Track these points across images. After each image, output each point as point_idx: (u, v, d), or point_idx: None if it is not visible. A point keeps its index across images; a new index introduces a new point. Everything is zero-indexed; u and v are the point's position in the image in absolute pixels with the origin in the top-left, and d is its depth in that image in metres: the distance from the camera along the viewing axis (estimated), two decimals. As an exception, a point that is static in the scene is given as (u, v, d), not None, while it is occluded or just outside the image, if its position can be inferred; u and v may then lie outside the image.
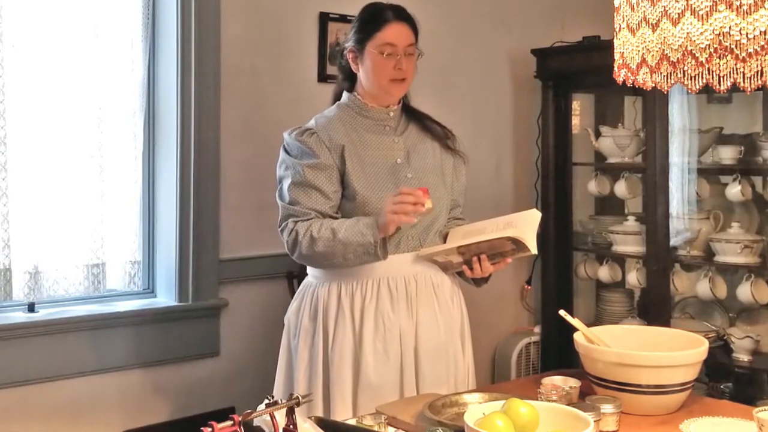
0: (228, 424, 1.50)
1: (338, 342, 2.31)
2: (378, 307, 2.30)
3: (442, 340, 2.37)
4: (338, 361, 2.30)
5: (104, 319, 3.04)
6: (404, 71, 2.36)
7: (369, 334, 2.29)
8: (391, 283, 2.32)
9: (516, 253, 2.28)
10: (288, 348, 2.45)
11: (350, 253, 2.24)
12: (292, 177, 2.32)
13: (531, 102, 4.15)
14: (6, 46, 2.85)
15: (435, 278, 2.38)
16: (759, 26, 1.45)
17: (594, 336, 2.12)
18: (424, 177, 2.39)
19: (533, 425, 1.59)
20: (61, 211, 2.98)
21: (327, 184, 2.31)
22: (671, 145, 3.55)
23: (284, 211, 2.34)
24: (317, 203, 2.30)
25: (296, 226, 2.29)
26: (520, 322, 4.26)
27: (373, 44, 2.34)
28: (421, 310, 2.34)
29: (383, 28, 2.34)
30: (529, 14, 4.16)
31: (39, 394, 2.92)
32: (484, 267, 2.31)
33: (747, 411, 1.91)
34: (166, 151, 3.21)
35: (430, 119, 2.53)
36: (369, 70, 2.36)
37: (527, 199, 4.18)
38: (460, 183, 2.54)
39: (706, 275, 3.56)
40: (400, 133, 2.44)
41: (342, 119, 2.40)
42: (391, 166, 2.37)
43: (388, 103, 2.43)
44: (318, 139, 2.34)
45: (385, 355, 2.29)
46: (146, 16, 3.16)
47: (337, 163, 2.33)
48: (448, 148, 2.51)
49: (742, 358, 3.41)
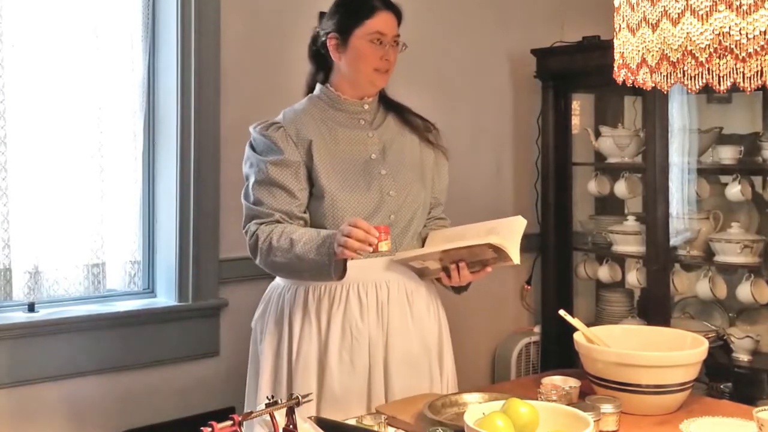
0: (228, 424, 1.50)
1: (303, 350, 2.18)
2: (346, 314, 2.16)
3: (414, 352, 2.22)
4: (302, 370, 2.17)
5: (104, 319, 3.04)
6: (390, 62, 2.25)
7: (335, 342, 2.16)
8: (361, 289, 2.18)
9: (497, 262, 2.13)
10: (255, 354, 2.33)
11: (305, 270, 2.11)
12: (256, 175, 2.20)
13: (531, 102, 4.15)
14: (6, 46, 2.85)
15: (409, 285, 2.24)
16: (759, 26, 1.45)
17: (594, 336, 2.12)
18: (399, 173, 2.26)
19: (533, 425, 1.59)
20: (61, 211, 2.98)
21: (293, 182, 2.17)
22: (671, 145, 3.55)
23: (248, 211, 2.22)
24: (283, 203, 2.17)
25: (258, 230, 2.15)
26: (520, 322, 4.26)
27: (361, 32, 2.21)
28: (393, 319, 2.20)
29: (373, 15, 2.22)
30: (529, 14, 4.16)
31: (39, 394, 2.92)
32: (462, 275, 2.16)
33: (747, 411, 1.91)
34: (166, 151, 3.21)
35: (411, 111, 2.40)
36: (354, 59, 2.23)
37: (527, 199, 4.18)
38: (442, 180, 2.41)
39: (706, 275, 3.56)
40: (375, 126, 2.31)
41: (312, 112, 2.27)
42: (363, 162, 2.23)
43: (365, 95, 2.30)
44: (284, 134, 2.21)
45: (351, 366, 2.15)
46: (146, 15, 3.15)
47: (304, 159, 2.19)
48: (430, 143, 2.37)
49: (741, 358, 3.41)
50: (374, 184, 2.21)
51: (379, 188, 2.21)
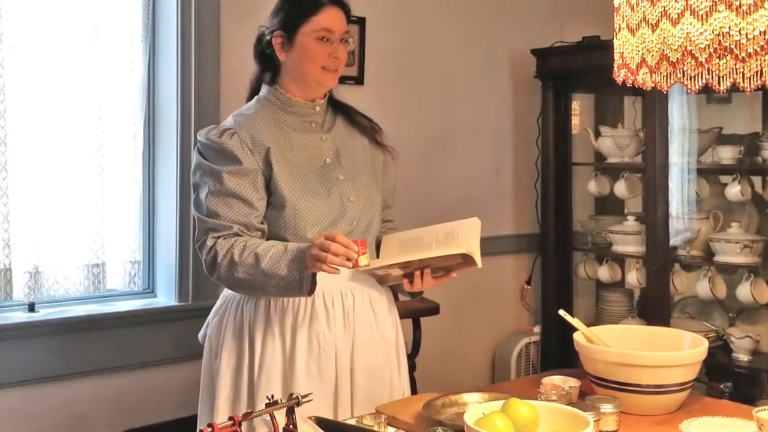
0: (228, 424, 1.50)
1: (266, 364, 2.06)
2: (312, 325, 2.07)
3: (379, 359, 2.16)
4: (265, 385, 2.06)
5: (104, 319, 3.04)
6: (339, 60, 2.11)
7: (302, 355, 2.06)
8: (327, 299, 2.09)
9: (462, 267, 2.06)
10: (210, 371, 2.18)
11: (272, 286, 1.98)
12: (210, 185, 2.04)
13: (531, 102, 4.15)
14: (6, 46, 2.85)
15: (372, 293, 2.16)
16: (759, 26, 1.45)
17: (594, 336, 2.12)
18: (357, 178, 2.16)
19: (533, 425, 1.59)
20: (61, 211, 2.98)
21: (251, 191, 2.04)
22: (671, 145, 3.55)
23: (202, 224, 2.05)
24: (240, 214, 2.03)
25: (216, 245, 2.02)
26: (520, 322, 4.26)
27: (307, 28, 2.08)
28: (359, 328, 2.12)
29: (320, 11, 2.09)
30: (529, 14, 4.16)
31: (39, 393, 2.92)
32: (425, 281, 2.07)
33: (747, 411, 1.91)
34: (166, 151, 3.21)
35: (356, 112, 2.28)
36: (301, 57, 2.10)
37: (527, 199, 4.18)
38: (390, 182, 2.31)
39: (705, 275, 3.57)
40: (327, 129, 2.19)
41: (264, 116, 2.12)
42: (320, 168, 2.12)
43: (315, 96, 2.17)
44: (239, 141, 2.06)
45: (319, 378, 2.07)
46: (146, 15, 3.16)
47: (262, 167, 2.06)
48: (377, 144, 2.27)
49: (741, 358, 3.41)
50: (334, 191, 2.11)
51: (339, 194, 2.12)
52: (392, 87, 3.74)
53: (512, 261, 4.22)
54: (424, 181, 3.85)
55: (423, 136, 3.85)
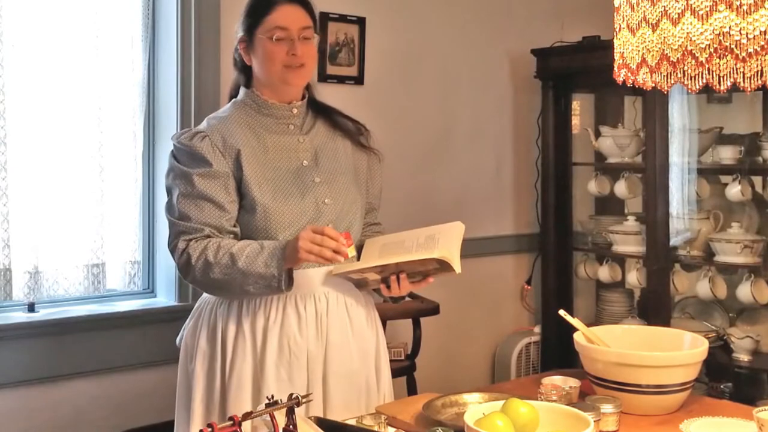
0: (228, 424, 1.50)
1: (237, 367, 2.05)
2: (283, 328, 2.05)
3: (354, 366, 2.12)
4: (236, 388, 2.04)
5: (104, 319, 3.04)
6: (299, 57, 2.08)
7: (272, 358, 2.04)
8: (299, 302, 2.06)
9: (439, 272, 2.05)
10: (186, 373, 2.16)
11: (249, 284, 1.98)
12: (181, 188, 2.06)
13: (531, 102, 4.15)
14: (6, 46, 2.85)
15: (348, 297, 2.13)
16: (759, 26, 1.45)
17: (594, 336, 2.12)
18: (334, 180, 2.15)
19: (533, 425, 1.59)
20: (61, 211, 2.98)
21: (222, 194, 2.04)
22: (671, 145, 3.55)
23: (174, 227, 2.07)
24: (211, 217, 2.03)
25: (188, 247, 2.02)
26: (520, 322, 4.26)
27: (262, 30, 2.10)
28: (332, 333, 2.09)
29: (272, 11, 2.09)
30: (529, 14, 4.16)
31: (39, 394, 2.92)
32: (402, 286, 2.06)
33: (747, 411, 1.91)
34: (166, 151, 3.19)
35: (340, 114, 2.27)
36: (261, 59, 2.11)
37: (527, 199, 4.18)
38: (376, 184, 2.30)
39: (706, 275, 3.56)
40: (305, 131, 2.18)
41: (238, 119, 2.13)
42: (295, 170, 2.11)
43: (289, 98, 2.16)
44: (210, 143, 2.06)
45: (289, 383, 2.03)
46: (146, 15, 3.16)
47: (233, 169, 2.06)
48: (362, 146, 2.26)
49: (742, 358, 3.41)
50: (308, 193, 2.10)
51: (313, 197, 2.10)
52: (392, 87, 3.73)
53: (512, 261, 4.22)
54: (423, 180, 3.85)
55: (423, 136, 3.85)
